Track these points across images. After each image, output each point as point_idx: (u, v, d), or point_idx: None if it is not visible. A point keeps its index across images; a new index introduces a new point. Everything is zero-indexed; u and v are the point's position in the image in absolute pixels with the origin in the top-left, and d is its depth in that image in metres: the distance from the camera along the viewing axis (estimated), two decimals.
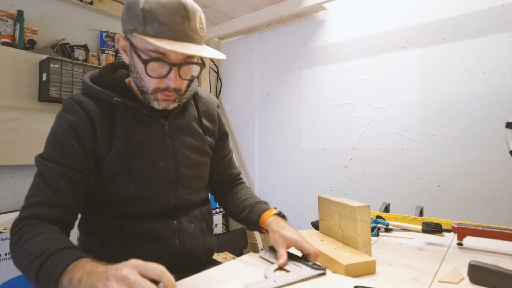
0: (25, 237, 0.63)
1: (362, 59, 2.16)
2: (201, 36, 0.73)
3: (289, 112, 2.56)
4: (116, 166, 0.76)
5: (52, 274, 0.54)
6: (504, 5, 1.69)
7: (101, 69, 0.84)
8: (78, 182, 0.73)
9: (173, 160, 0.83)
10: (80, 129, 0.74)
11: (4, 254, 1.59)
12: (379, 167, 2.08)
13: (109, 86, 0.79)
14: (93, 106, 0.76)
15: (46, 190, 0.69)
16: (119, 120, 0.77)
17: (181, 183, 0.84)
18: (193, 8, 0.70)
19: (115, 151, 0.76)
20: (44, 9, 1.98)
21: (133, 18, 0.69)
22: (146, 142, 0.79)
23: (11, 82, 1.74)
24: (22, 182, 1.86)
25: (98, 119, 0.75)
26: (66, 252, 0.58)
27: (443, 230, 0.92)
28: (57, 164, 0.71)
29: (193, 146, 0.87)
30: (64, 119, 0.74)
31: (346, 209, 0.80)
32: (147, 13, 0.67)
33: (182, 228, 0.84)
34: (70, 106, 0.76)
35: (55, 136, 0.74)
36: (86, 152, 0.74)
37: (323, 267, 0.65)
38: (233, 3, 2.34)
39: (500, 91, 1.69)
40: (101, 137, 0.75)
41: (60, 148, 0.73)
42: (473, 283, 0.64)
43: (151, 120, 0.81)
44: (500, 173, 1.68)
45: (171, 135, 0.83)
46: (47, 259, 0.57)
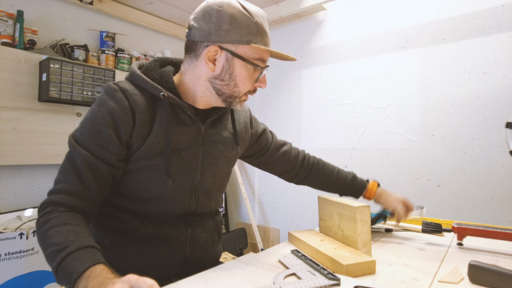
0: (51, 223, 0.66)
1: (362, 59, 2.16)
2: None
3: (289, 112, 2.56)
4: (146, 161, 0.76)
5: (70, 275, 0.58)
6: (504, 5, 1.69)
7: (151, 61, 0.83)
8: (107, 175, 0.73)
9: (201, 165, 0.83)
10: (119, 118, 0.72)
11: (4, 254, 1.59)
12: (379, 167, 2.08)
13: (157, 79, 0.78)
14: (137, 97, 0.75)
15: (76, 179, 0.70)
16: (160, 115, 0.76)
17: (203, 189, 0.84)
18: (267, 21, 0.79)
19: (149, 145, 0.75)
20: (44, 9, 1.98)
21: (243, 29, 0.74)
22: (181, 142, 0.79)
23: (11, 82, 1.74)
24: (22, 182, 1.86)
25: (140, 110, 0.74)
26: (86, 254, 0.61)
27: (443, 230, 0.92)
28: (90, 152, 0.71)
29: (222, 154, 0.87)
30: (105, 106, 0.73)
31: (346, 209, 0.80)
32: (260, 26, 0.74)
33: (195, 237, 0.84)
34: (114, 92, 0.74)
35: (93, 121, 0.72)
36: (121, 142, 0.74)
37: (337, 278, 0.64)
38: None
39: (500, 91, 1.69)
40: (139, 128, 0.74)
41: (96, 135, 0.72)
42: (473, 283, 0.64)
43: (190, 121, 0.80)
44: (500, 173, 1.68)
45: (204, 140, 0.83)
46: (68, 256, 0.60)
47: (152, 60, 0.84)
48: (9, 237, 1.61)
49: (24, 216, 1.77)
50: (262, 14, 0.77)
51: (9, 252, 1.60)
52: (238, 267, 0.73)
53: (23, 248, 1.62)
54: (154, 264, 0.79)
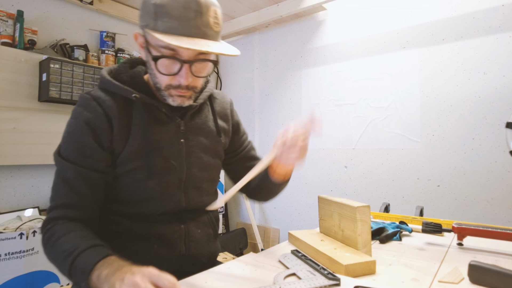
0: (56, 236, 0.68)
1: (362, 59, 2.16)
2: (215, 32, 0.71)
3: (289, 112, 2.56)
4: (130, 163, 0.76)
5: (84, 270, 0.60)
6: (504, 5, 1.69)
7: (120, 64, 0.83)
8: (98, 182, 0.74)
9: (186, 161, 0.82)
10: (97, 126, 0.73)
11: (4, 254, 1.59)
12: (379, 167, 2.08)
13: (127, 81, 0.78)
14: (110, 102, 0.75)
15: (69, 192, 0.71)
16: (136, 117, 0.77)
17: (192, 184, 0.84)
18: (206, 2, 0.68)
19: (130, 148, 0.75)
20: (44, 9, 1.98)
21: (146, 14, 0.69)
22: (162, 140, 0.79)
23: (11, 82, 1.74)
24: (22, 182, 1.86)
25: (115, 115, 0.74)
26: (96, 250, 0.63)
27: (443, 230, 0.92)
28: (78, 165, 0.72)
29: (207, 147, 0.86)
30: (81, 117, 0.73)
31: (346, 209, 0.80)
32: (159, 7, 0.66)
33: (189, 233, 0.83)
34: (87, 102, 0.75)
35: (73, 134, 0.74)
36: (104, 149, 0.74)
37: (337, 278, 0.63)
38: (233, 3, 2.34)
39: (500, 91, 1.69)
40: (117, 133, 0.75)
41: (79, 147, 0.73)
42: (473, 283, 0.64)
43: (167, 119, 0.80)
44: (500, 173, 1.68)
45: (186, 135, 0.83)
46: (78, 256, 0.62)
47: (121, 62, 0.84)
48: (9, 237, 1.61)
49: (24, 216, 1.77)
50: None
51: (9, 252, 1.60)
52: (238, 267, 0.73)
53: (23, 248, 1.62)
54: (150, 262, 0.78)
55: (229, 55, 0.69)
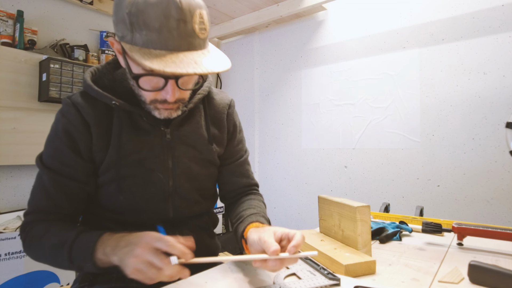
0: (39, 235, 0.67)
1: (362, 59, 2.16)
2: (202, 39, 0.62)
3: (289, 112, 2.56)
4: (110, 174, 0.72)
5: (85, 252, 0.61)
6: (504, 5, 1.69)
7: (104, 66, 0.77)
8: (76, 191, 0.72)
9: (172, 172, 0.76)
10: (75, 135, 0.70)
11: (4, 254, 1.59)
12: (379, 167, 2.08)
13: (108, 86, 0.73)
14: (89, 109, 0.70)
15: (45, 198, 0.71)
16: (116, 125, 0.71)
17: (180, 195, 0.78)
18: (190, 6, 0.58)
19: (109, 159, 0.71)
20: (44, 9, 1.98)
21: (120, 23, 0.60)
22: (143, 150, 0.73)
23: (11, 82, 1.74)
24: (22, 182, 1.86)
25: (94, 123, 0.70)
26: (89, 232, 0.65)
27: (443, 230, 0.92)
28: (55, 172, 0.70)
29: (196, 157, 0.79)
30: (60, 123, 0.71)
31: (346, 209, 0.80)
32: (134, 17, 0.57)
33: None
34: (67, 107, 0.71)
35: (52, 141, 0.72)
36: (83, 158, 0.71)
37: (337, 278, 0.63)
38: (233, 3, 2.34)
39: (500, 91, 1.69)
40: (97, 143, 0.71)
41: (56, 154, 0.71)
42: (473, 283, 0.64)
43: (150, 127, 0.74)
44: (500, 173, 1.68)
45: (172, 145, 0.76)
46: (74, 242, 0.63)
47: (105, 63, 0.78)
48: (9, 237, 1.61)
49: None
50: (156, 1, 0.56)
51: (9, 252, 1.60)
52: (238, 267, 0.73)
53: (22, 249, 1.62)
54: None
55: (216, 72, 0.61)
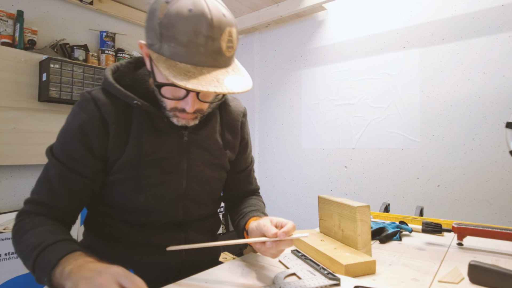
0: (25, 228, 0.65)
1: (362, 59, 2.16)
2: (228, 57, 0.63)
3: (289, 112, 2.56)
4: (126, 173, 0.72)
5: (46, 265, 0.56)
6: (504, 5, 1.69)
7: (125, 65, 0.77)
8: (80, 187, 0.71)
9: (187, 174, 0.78)
10: (90, 131, 0.69)
11: (4, 254, 1.59)
12: (379, 167, 2.08)
13: (130, 85, 0.73)
14: (109, 107, 0.70)
15: (48, 191, 0.69)
16: (135, 125, 0.72)
17: (191, 197, 0.80)
18: (220, 24, 0.59)
19: (126, 158, 0.71)
20: (44, 9, 1.98)
21: (151, 31, 0.62)
22: (161, 151, 0.74)
23: (11, 82, 1.74)
24: (22, 182, 1.86)
25: (113, 121, 0.70)
26: (62, 245, 0.60)
27: (443, 230, 0.92)
28: (63, 165, 0.69)
29: (210, 161, 0.81)
30: (77, 118, 0.70)
31: (346, 209, 0.80)
32: (165, 29, 0.58)
33: (189, 241, 0.81)
34: (86, 103, 0.70)
35: (66, 133, 0.71)
36: (94, 156, 0.71)
37: (337, 278, 0.64)
38: (233, 3, 2.34)
39: (500, 91, 1.69)
40: (114, 140, 0.71)
41: (68, 148, 0.70)
42: (473, 283, 0.64)
43: (169, 129, 0.75)
44: (500, 173, 1.68)
45: (189, 148, 0.77)
46: (43, 250, 0.59)
47: (127, 62, 0.78)
48: (9, 237, 1.61)
49: None
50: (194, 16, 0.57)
51: (9, 252, 1.60)
52: (238, 267, 0.73)
53: None
54: (149, 269, 0.77)
55: (236, 92, 0.61)
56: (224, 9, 0.62)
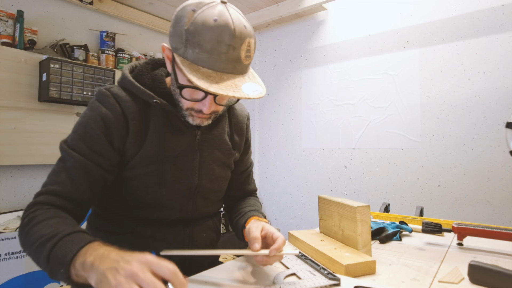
0: (36, 220, 0.62)
1: (362, 59, 2.16)
2: (245, 65, 0.68)
3: (289, 112, 2.56)
4: (142, 168, 0.74)
5: (64, 256, 0.53)
6: (504, 5, 1.69)
7: (142, 65, 0.81)
8: (98, 178, 0.71)
9: (199, 172, 0.81)
10: (112, 124, 0.71)
11: (4, 254, 1.59)
12: (379, 167, 2.08)
13: (148, 84, 0.76)
14: (130, 103, 0.73)
15: (65, 181, 0.67)
16: (154, 122, 0.75)
17: (201, 194, 0.83)
18: (241, 34, 0.64)
19: (144, 153, 0.73)
20: (44, 9, 1.98)
21: (177, 36, 0.66)
22: (177, 149, 0.77)
23: (11, 82, 1.74)
24: (22, 182, 1.86)
25: (133, 117, 0.73)
26: (79, 236, 0.58)
27: (443, 230, 0.92)
28: (82, 155, 0.69)
29: (219, 159, 0.85)
30: (98, 111, 0.71)
31: (346, 209, 0.80)
32: (191, 35, 0.63)
33: (193, 237, 0.83)
34: (106, 98, 0.72)
35: (85, 125, 0.71)
36: (114, 149, 0.72)
37: (337, 278, 0.64)
38: (233, 3, 2.34)
39: (500, 91, 1.69)
40: (133, 136, 0.73)
41: (88, 139, 0.70)
42: (473, 283, 0.64)
43: (185, 128, 0.78)
44: (500, 173, 1.68)
45: (201, 146, 0.81)
46: (60, 241, 0.56)
47: (144, 62, 0.82)
48: (9, 237, 1.61)
49: None
50: (219, 26, 0.62)
51: (9, 252, 1.60)
52: (238, 267, 0.73)
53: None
54: None
55: (252, 98, 0.65)
56: (245, 21, 0.67)
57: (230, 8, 0.65)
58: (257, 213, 0.85)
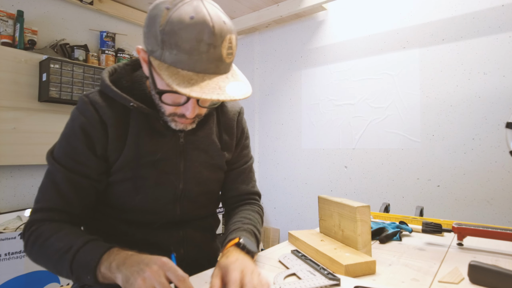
0: (45, 236, 0.65)
1: (362, 59, 2.16)
2: (228, 63, 0.64)
3: (289, 112, 2.56)
4: (123, 173, 0.73)
5: (89, 263, 0.58)
6: (504, 5, 1.69)
7: (122, 67, 0.78)
8: (88, 189, 0.72)
9: (184, 176, 0.78)
10: (92, 133, 0.71)
11: (4, 254, 1.59)
12: (379, 167, 2.08)
13: (127, 87, 0.74)
14: (107, 109, 0.71)
15: (56, 196, 0.69)
16: (133, 126, 0.73)
17: (188, 198, 0.80)
18: (221, 31, 0.59)
19: (124, 159, 0.72)
20: (44, 9, 1.98)
21: (152, 37, 0.61)
22: (158, 153, 0.75)
23: (11, 82, 1.74)
24: (22, 182, 1.86)
25: (112, 124, 0.71)
26: (96, 243, 0.62)
27: (443, 230, 0.92)
28: (68, 169, 0.69)
29: (207, 162, 0.82)
30: (77, 121, 0.71)
31: (346, 209, 0.80)
32: (167, 36, 0.58)
33: (187, 238, 0.82)
34: (85, 106, 0.71)
35: (67, 138, 0.71)
36: (98, 157, 0.72)
37: (337, 278, 0.63)
38: (233, 3, 2.34)
39: (500, 91, 1.69)
40: (113, 142, 0.72)
41: (71, 152, 0.70)
42: (473, 283, 0.64)
43: (166, 130, 0.75)
44: (500, 173, 1.68)
45: (186, 149, 0.78)
46: (78, 251, 0.60)
47: (123, 64, 0.79)
48: (9, 237, 1.61)
49: (24, 216, 1.77)
50: (196, 23, 0.57)
51: (9, 252, 1.60)
52: None
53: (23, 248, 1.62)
54: None
55: (237, 99, 0.62)
56: (224, 16, 0.62)
57: (207, 2, 0.61)
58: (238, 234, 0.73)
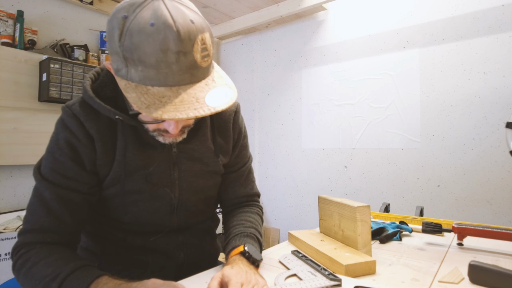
0: (33, 260, 0.60)
1: (362, 59, 2.16)
2: (205, 67, 0.56)
3: (289, 112, 2.56)
4: (115, 189, 0.69)
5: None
6: (504, 5, 1.69)
7: (105, 74, 0.71)
8: (79, 203, 0.67)
9: (179, 187, 0.74)
10: (79, 148, 0.65)
11: (4, 254, 1.59)
12: (379, 167, 2.08)
13: (111, 97, 0.68)
14: (93, 122, 0.66)
15: (46, 215, 0.64)
16: (120, 140, 0.68)
17: (185, 208, 0.77)
18: (189, 34, 0.51)
19: (114, 175, 0.68)
20: (44, 9, 1.98)
21: (114, 54, 0.54)
22: (149, 166, 0.70)
23: (11, 82, 1.74)
24: (22, 182, 1.86)
25: (99, 138, 0.66)
26: (84, 271, 0.57)
27: (443, 230, 0.92)
28: (57, 185, 0.64)
29: (203, 170, 0.77)
30: (62, 134, 0.65)
31: (346, 209, 0.80)
32: (128, 52, 0.51)
33: (186, 242, 0.80)
34: (69, 119, 0.66)
35: (53, 152, 0.66)
36: (87, 171, 0.67)
37: (338, 278, 0.63)
38: (233, 3, 2.34)
39: (500, 91, 1.69)
40: (101, 157, 0.67)
41: (59, 167, 0.65)
42: (473, 283, 0.64)
43: (156, 142, 0.68)
44: (500, 173, 1.68)
45: (179, 159, 0.73)
46: (65, 280, 0.55)
47: (106, 70, 0.71)
48: (9, 237, 1.61)
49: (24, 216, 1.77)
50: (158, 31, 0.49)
51: (9, 252, 1.60)
52: None
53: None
54: (149, 269, 0.77)
55: (220, 110, 0.55)
56: (192, 14, 0.53)
57: (168, 1, 0.52)
58: (240, 242, 0.72)
